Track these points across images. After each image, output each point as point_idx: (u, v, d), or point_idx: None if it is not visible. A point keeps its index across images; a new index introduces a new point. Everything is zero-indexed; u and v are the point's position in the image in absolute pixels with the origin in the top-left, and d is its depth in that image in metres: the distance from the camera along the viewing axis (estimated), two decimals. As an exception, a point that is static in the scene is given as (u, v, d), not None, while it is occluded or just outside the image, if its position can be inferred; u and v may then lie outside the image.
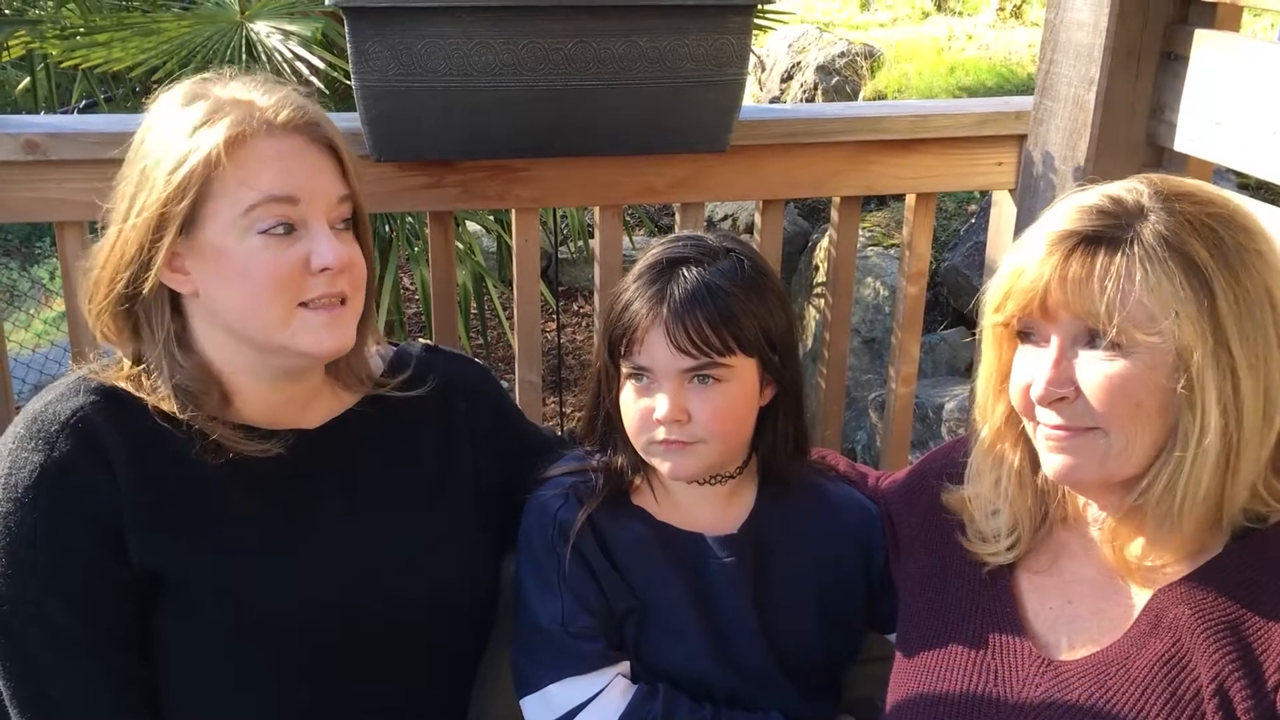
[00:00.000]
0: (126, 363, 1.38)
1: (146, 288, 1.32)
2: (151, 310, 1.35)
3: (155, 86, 1.40)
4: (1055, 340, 1.19)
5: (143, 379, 1.35)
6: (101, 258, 1.35)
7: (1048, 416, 1.21)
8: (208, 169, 1.28)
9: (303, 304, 1.32)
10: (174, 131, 1.31)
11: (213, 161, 1.28)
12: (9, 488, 1.27)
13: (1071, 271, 1.16)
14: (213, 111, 1.31)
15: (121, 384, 1.35)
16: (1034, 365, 1.21)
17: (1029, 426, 1.27)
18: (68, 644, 1.29)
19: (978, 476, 1.37)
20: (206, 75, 1.39)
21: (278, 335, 1.33)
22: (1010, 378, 1.26)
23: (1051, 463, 1.23)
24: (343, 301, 1.36)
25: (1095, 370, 1.17)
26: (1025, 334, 1.24)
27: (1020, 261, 1.20)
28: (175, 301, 1.36)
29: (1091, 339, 1.17)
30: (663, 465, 1.43)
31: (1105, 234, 1.16)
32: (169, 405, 1.32)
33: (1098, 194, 1.21)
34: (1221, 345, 1.13)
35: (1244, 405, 1.13)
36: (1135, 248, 1.14)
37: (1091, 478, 1.21)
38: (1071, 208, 1.20)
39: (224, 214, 1.30)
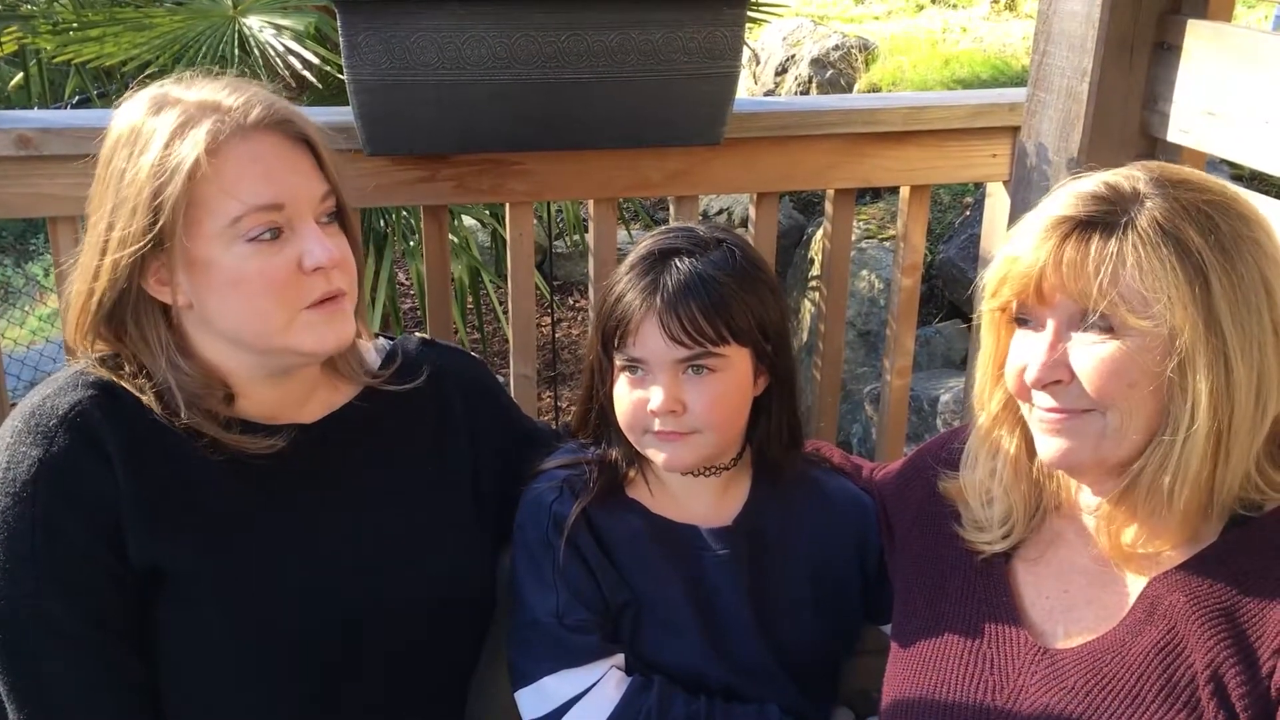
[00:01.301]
0: (126, 364, 1.37)
1: (132, 303, 1.32)
2: (144, 324, 1.34)
3: (148, 82, 1.39)
4: (1051, 324, 1.20)
5: (138, 379, 1.35)
6: (84, 279, 1.32)
7: (1043, 400, 1.22)
8: (190, 184, 1.25)
9: (307, 306, 1.32)
10: (147, 145, 1.27)
11: (195, 176, 1.25)
12: (7, 483, 1.27)
13: (1066, 256, 1.17)
14: (184, 120, 1.27)
15: (120, 379, 1.34)
16: (1029, 349, 1.22)
17: (1025, 410, 1.27)
18: (66, 641, 1.28)
19: (974, 463, 1.38)
20: (168, 80, 1.35)
21: (278, 339, 1.32)
22: (1006, 362, 1.27)
23: (1047, 446, 1.23)
24: (342, 296, 1.35)
25: (1089, 353, 1.17)
26: (1022, 319, 1.25)
27: (1016, 247, 1.21)
28: (166, 309, 1.35)
29: (1085, 322, 1.18)
30: (657, 457, 1.43)
31: (1100, 219, 1.17)
32: (159, 406, 1.32)
33: (1095, 181, 1.22)
34: (1214, 330, 1.13)
35: (1236, 390, 1.14)
36: (1130, 233, 1.15)
37: (1086, 460, 1.22)
38: (1069, 194, 1.21)
39: (208, 225, 1.28)
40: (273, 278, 1.29)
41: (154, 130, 1.28)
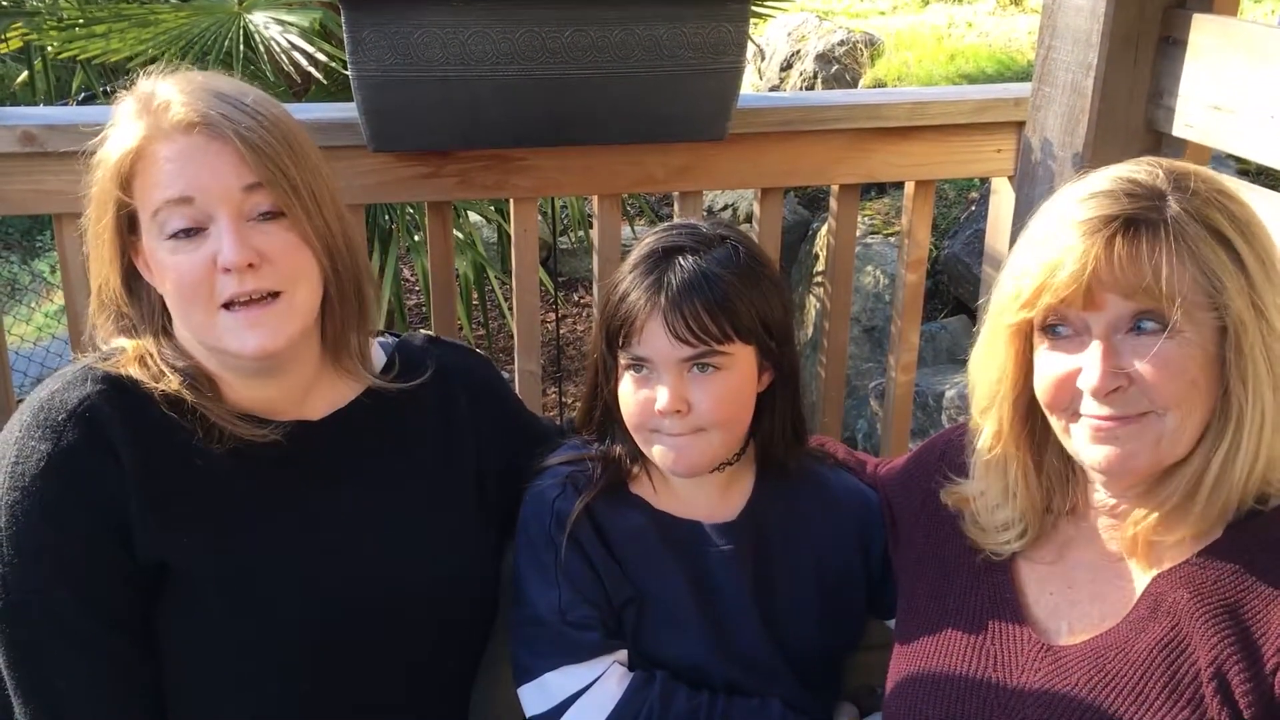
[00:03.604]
0: (129, 347, 1.37)
1: (117, 284, 1.34)
2: (142, 306, 1.36)
3: (154, 78, 1.40)
4: (1097, 330, 1.17)
5: (148, 360, 1.35)
6: (90, 261, 1.37)
7: (1095, 409, 1.18)
8: (118, 178, 1.30)
9: (225, 305, 1.29)
10: (105, 139, 1.33)
11: (121, 173, 1.30)
12: (15, 476, 1.28)
13: (1118, 254, 1.14)
14: (130, 115, 1.32)
15: (129, 369, 1.35)
16: (1078, 359, 1.19)
17: (1056, 423, 1.24)
18: (73, 634, 1.29)
19: (982, 479, 1.35)
20: (155, 72, 1.37)
21: (208, 336, 1.32)
22: (1038, 374, 1.23)
23: (1098, 454, 1.20)
24: (274, 296, 1.31)
25: (1150, 355, 1.15)
26: (1051, 329, 1.21)
27: (1052, 255, 1.17)
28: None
29: (1135, 323, 1.16)
30: (665, 458, 1.43)
31: (1140, 215, 1.15)
32: (171, 384, 1.32)
33: (1111, 178, 1.20)
34: (1260, 314, 1.14)
35: (1277, 365, 1.15)
36: (1174, 226, 1.14)
37: (1144, 464, 1.19)
38: (1091, 194, 1.19)
39: (144, 219, 1.31)
40: (187, 275, 1.29)
41: (113, 124, 1.33)
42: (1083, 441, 1.22)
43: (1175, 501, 1.20)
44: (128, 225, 1.33)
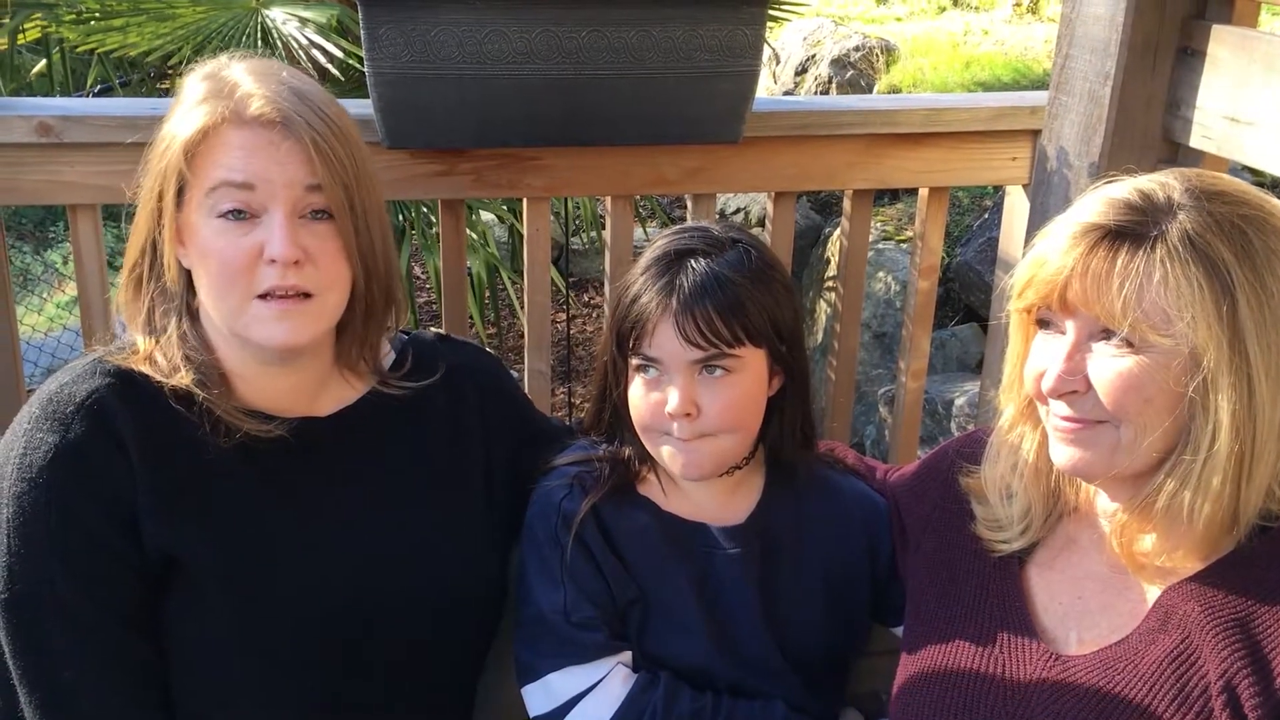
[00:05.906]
0: (141, 342, 1.38)
1: (165, 260, 1.34)
2: (169, 283, 1.36)
3: (170, 72, 1.41)
4: (1071, 332, 1.19)
5: (157, 357, 1.36)
6: (132, 231, 1.38)
7: (1058, 407, 1.21)
8: (185, 153, 1.30)
9: (260, 296, 1.30)
10: (172, 112, 1.34)
11: (189, 149, 1.30)
12: (23, 468, 1.28)
13: (1093, 266, 1.15)
14: (201, 97, 1.32)
15: (138, 366, 1.35)
16: (1048, 355, 1.21)
17: (1042, 413, 1.26)
18: (79, 625, 1.29)
19: (996, 457, 1.37)
20: (231, 54, 1.39)
21: (236, 322, 1.33)
22: (1026, 364, 1.26)
23: (1060, 453, 1.23)
24: (307, 295, 1.32)
25: (1107, 366, 1.16)
26: (1044, 322, 1.23)
27: (1045, 251, 1.20)
28: (191, 280, 1.37)
29: (1107, 334, 1.16)
30: (674, 462, 1.42)
31: (1130, 230, 1.15)
32: (183, 379, 1.33)
33: (1128, 187, 1.20)
34: (1238, 351, 1.11)
35: (1260, 412, 1.12)
36: (1158, 247, 1.13)
37: (1098, 470, 1.21)
38: (1100, 200, 1.19)
39: (196, 194, 1.31)
40: (230, 258, 1.30)
41: (181, 101, 1.34)
42: (1052, 438, 1.24)
43: (1164, 523, 1.19)
44: (173, 205, 1.33)
